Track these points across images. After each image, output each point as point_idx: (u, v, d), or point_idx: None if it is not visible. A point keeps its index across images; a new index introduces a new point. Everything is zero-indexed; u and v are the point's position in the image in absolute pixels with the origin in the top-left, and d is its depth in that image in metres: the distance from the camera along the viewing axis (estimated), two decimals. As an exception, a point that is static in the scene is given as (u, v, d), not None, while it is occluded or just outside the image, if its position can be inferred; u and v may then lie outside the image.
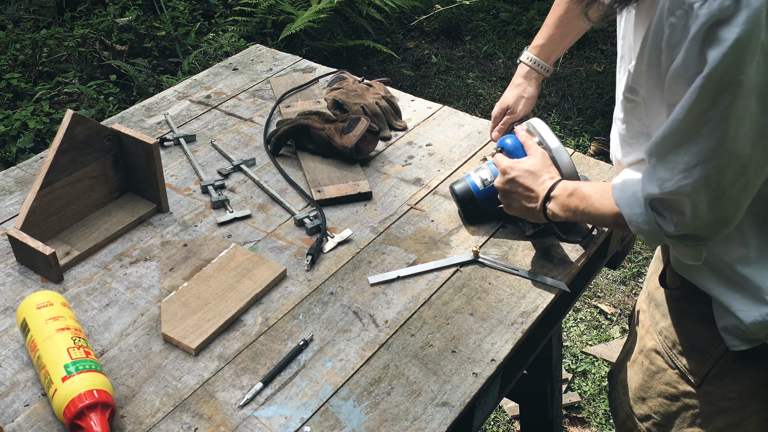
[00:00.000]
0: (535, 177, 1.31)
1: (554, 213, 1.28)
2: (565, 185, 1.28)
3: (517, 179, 1.32)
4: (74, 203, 1.44)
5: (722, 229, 1.03)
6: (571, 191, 1.25)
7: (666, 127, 0.97)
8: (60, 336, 1.13)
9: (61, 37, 3.83)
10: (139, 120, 1.83)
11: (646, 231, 1.09)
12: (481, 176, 1.46)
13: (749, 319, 1.10)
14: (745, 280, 1.10)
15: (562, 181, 1.29)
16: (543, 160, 1.34)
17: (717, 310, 1.16)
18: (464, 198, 1.46)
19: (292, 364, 1.19)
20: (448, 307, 1.30)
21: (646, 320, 1.35)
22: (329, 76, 1.98)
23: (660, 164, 1.00)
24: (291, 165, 1.66)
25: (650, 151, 1.01)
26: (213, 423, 1.10)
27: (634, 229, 1.11)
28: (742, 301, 1.11)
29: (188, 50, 3.89)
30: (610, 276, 2.86)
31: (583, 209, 1.22)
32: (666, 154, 0.99)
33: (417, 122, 1.81)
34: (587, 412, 2.36)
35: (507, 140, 1.42)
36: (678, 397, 1.28)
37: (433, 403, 1.13)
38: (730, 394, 1.22)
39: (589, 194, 1.22)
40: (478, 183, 1.46)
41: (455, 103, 3.82)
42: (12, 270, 1.38)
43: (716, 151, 0.94)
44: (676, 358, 1.26)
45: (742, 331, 1.12)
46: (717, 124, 0.92)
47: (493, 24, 4.51)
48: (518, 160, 1.35)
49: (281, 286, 1.34)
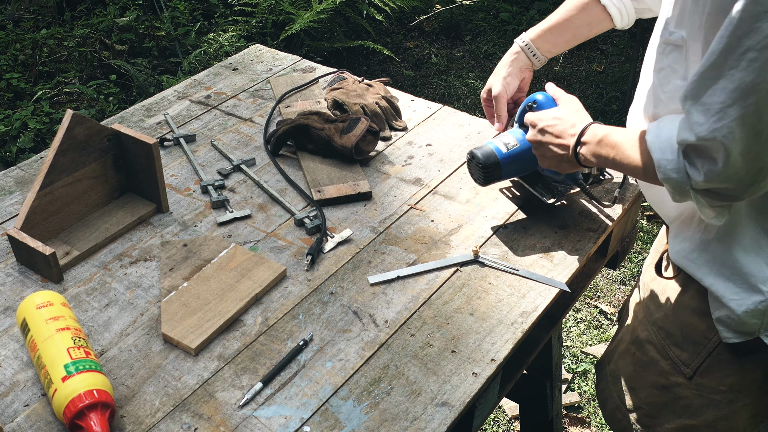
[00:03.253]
0: (564, 123, 1.27)
1: (586, 158, 1.24)
2: (594, 131, 1.22)
3: (546, 128, 1.29)
4: (74, 203, 1.44)
5: (752, 185, 0.99)
6: (600, 138, 1.20)
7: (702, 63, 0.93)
8: (60, 336, 1.13)
9: (61, 37, 3.83)
10: (139, 120, 1.83)
11: (674, 179, 1.04)
12: (504, 140, 1.43)
13: (741, 308, 1.11)
14: (738, 269, 1.11)
15: (593, 125, 1.24)
16: (572, 106, 1.30)
17: (712, 302, 1.16)
18: (487, 161, 1.41)
19: (292, 364, 1.19)
20: (448, 307, 1.30)
21: (639, 311, 1.35)
22: (329, 76, 1.98)
23: (694, 107, 0.96)
24: (291, 165, 1.66)
25: (685, 93, 0.97)
26: (213, 423, 1.10)
27: (662, 176, 1.06)
28: (734, 290, 1.12)
29: (188, 50, 3.89)
30: (610, 276, 2.86)
31: (613, 157, 1.18)
32: (701, 93, 0.95)
33: (417, 122, 1.81)
34: (587, 412, 2.36)
35: (537, 96, 1.39)
36: (669, 388, 1.28)
37: (433, 403, 1.13)
38: (721, 387, 1.22)
39: (620, 142, 1.16)
40: (501, 147, 1.42)
41: (455, 103, 3.82)
42: (12, 270, 1.38)
43: (754, 87, 0.90)
44: (669, 349, 1.26)
45: (735, 321, 1.13)
46: (756, 54, 0.88)
47: (493, 24, 4.51)
48: (546, 110, 1.32)
49: (281, 286, 1.34)
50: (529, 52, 1.56)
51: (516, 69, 1.57)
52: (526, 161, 1.44)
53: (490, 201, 1.54)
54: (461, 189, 1.58)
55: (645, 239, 3.01)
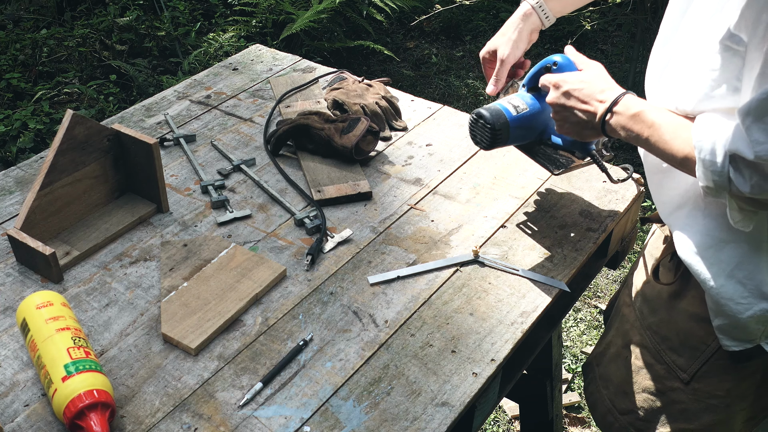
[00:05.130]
0: (592, 86, 1.17)
1: (613, 129, 1.14)
2: (627, 103, 1.12)
3: (572, 91, 1.18)
4: (74, 203, 1.44)
5: None
6: (636, 112, 1.11)
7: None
8: (60, 336, 1.13)
9: (61, 37, 3.83)
10: (139, 120, 1.83)
11: (716, 181, 0.98)
12: (512, 102, 1.32)
13: (747, 312, 1.10)
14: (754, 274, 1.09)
15: (627, 95, 1.13)
16: (599, 70, 1.20)
17: (712, 309, 1.15)
18: (496, 122, 1.29)
19: (292, 364, 1.19)
20: (448, 307, 1.30)
21: (631, 315, 1.34)
22: (329, 76, 1.98)
23: (756, 125, 0.91)
24: (291, 165, 1.66)
25: (748, 108, 0.91)
26: (213, 423, 1.10)
27: (701, 176, 1.00)
28: (743, 294, 1.10)
29: (188, 50, 3.89)
30: (610, 276, 2.86)
31: (647, 137, 1.09)
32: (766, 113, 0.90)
33: (417, 122, 1.81)
34: (587, 412, 2.36)
35: (556, 57, 1.27)
36: (664, 393, 1.27)
37: (433, 403, 1.13)
38: (718, 392, 1.22)
39: (659, 123, 1.08)
40: (510, 109, 1.31)
41: (455, 103, 3.82)
42: (12, 270, 1.38)
43: None
44: (665, 354, 1.25)
45: (739, 327, 1.12)
46: None
47: (493, 24, 4.51)
48: (573, 73, 1.22)
49: (281, 286, 1.34)
50: (540, 12, 1.44)
51: (526, 31, 1.46)
52: (533, 128, 1.36)
53: (490, 201, 1.54)
54: (461, 189, 1.58)
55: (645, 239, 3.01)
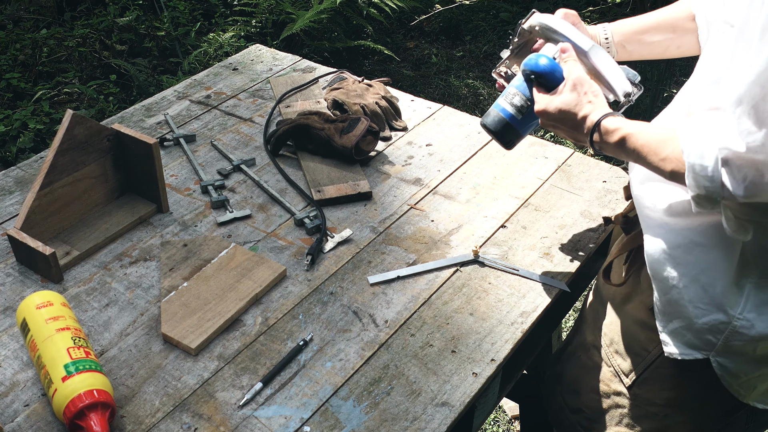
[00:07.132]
0: (573, 116, 1.11)
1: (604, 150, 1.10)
2: (606, 128, 1.06)
3: (557, 124, 1.14)
4: (74, 203, 1.44)
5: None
6: (617, 140, 1.05)
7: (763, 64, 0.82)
8: (60, 336, 1.13)
9: (61, 37, 3.83)
10: (139, 120, 1.83)
11: (707, 188, 0.90)
12: (513, 103, 1.24)
13: (702, 318, 1.06)
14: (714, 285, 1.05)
15: (602, 122, 1.07)
16: (576, 89, 1.12)
17: (667, 312, 1.10)
18: (502, 132, 1.25)
19: (292, 364, 1.19)
20: (448, 307, 1.30)
21: (590, 315, 1.34)
22: (329, 76, 1.98)
23: (747, 113, 0.84)
24: (291, 165, 1.66)
25: (739, 96, 0.85)
26: (213, 423, 1.10)
27: (692, 183, 0.92)
28: (703, 300, 1.05)
29: (188, 50, 3.89)
30: (610, 276, 2.86)
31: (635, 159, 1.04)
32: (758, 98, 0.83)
33: (417, 122, 1.81)
34: (587, 412, 2.36)
35: (540, 60, 1.17)
36: (609, 395, 1.27)
37: (433, 403, 1.13)
38: (657, 400, 1.20)
39: (639, 146, 1.02)
40: (508, 108, 1.24)
41: (455, 103, 3.82)
42: (12, 270, 1.38)
43: None
44: (612, 356, 1.25)
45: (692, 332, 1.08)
46: None
47: (493, 24, 4.51)
48: (551, 98, 1.14)
49: (281, 286, 1.34)
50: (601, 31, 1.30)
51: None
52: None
53: (490, 201, 1.54)
54: (461, 189, 1.58)
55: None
